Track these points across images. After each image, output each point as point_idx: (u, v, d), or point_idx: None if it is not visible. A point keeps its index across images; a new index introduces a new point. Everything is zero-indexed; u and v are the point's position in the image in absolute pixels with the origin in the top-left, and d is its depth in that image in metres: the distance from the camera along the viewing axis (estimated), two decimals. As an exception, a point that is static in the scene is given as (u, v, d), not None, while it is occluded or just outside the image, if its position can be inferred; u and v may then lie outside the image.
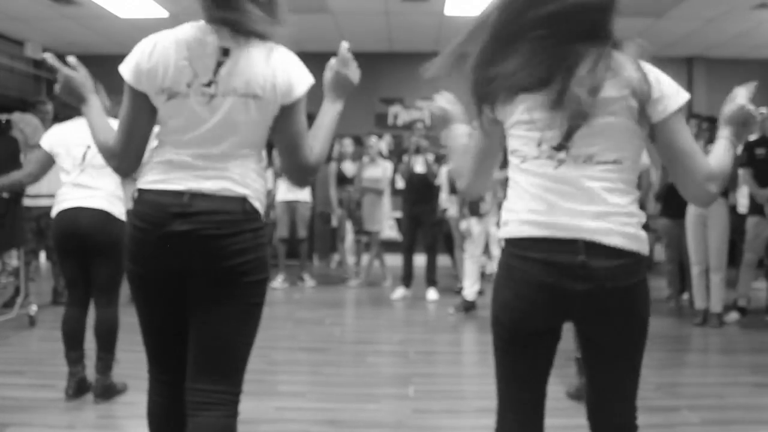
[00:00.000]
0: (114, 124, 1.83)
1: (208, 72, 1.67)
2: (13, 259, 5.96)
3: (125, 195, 3.14)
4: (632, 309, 1.54)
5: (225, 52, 1.67)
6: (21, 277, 5.34)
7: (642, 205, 2.43)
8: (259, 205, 1.75)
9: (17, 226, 4.75)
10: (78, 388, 3.32)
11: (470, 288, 5.97)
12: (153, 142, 1.79)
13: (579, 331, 1.64)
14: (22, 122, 5.59)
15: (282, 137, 1.78)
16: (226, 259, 1.68)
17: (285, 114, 1.75)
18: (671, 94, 1.51)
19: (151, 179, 1.72)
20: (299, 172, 1.81)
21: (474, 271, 5.97)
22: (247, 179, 1.72)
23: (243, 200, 1.70)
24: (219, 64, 1.67)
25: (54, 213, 3.29)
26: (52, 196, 5.49)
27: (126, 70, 1.72)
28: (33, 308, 5.05)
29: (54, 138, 3.36)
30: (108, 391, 3.34)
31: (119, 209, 3.27)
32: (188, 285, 1.73)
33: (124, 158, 1.78)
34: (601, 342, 1.59)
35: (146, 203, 1.71)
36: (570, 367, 3.46)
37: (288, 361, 4.22)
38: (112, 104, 3.48)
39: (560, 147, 1.50)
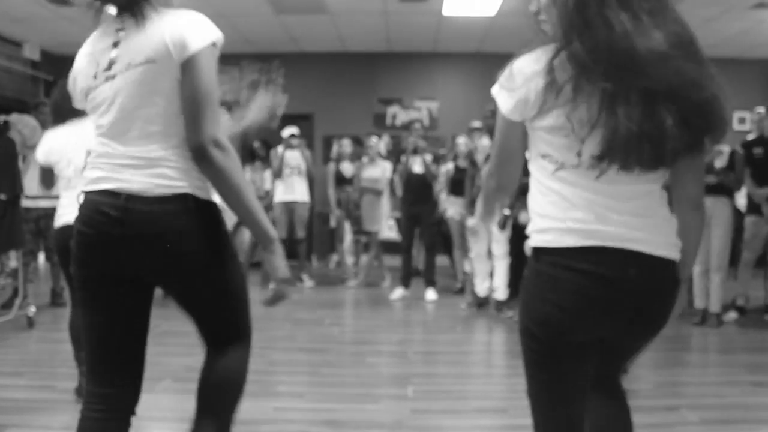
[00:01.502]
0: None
1: (107, 56, 1.66)
2: (12, 260, 5.95)
3: None
4: (666, 317, 1.53)
5: (119, 31, 1.67)
6: (19, 278, 5.34)
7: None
8: (201, 192, 1.66)
9: (16, 228, 4.74)
10: None
11: (481, 284, 6.01)
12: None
13: (605, 339, 1.55)
14: (20, 123, 5.58)
15: (181, 102, 1.61)
16: (172, 262, 1.65)
17: (183, 74, 1.59)
18: None
19: (90, 177, 1.70)
20: (190, 146, 1.62)
21: (483, 268, 5.99)
22: (177, 165, 1.64)
23: (183, 197, 1.63)
24: (115, 44, 1.66)
25: (57, 225, 3.18)
26: (51, 197, 5.50)
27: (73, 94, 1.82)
28: (31, 309, 5.04)
29: (48, 147, 3.28)
30: None
31: None
32: (148, 287, 1.74)
33: None
34: (624, 346, 1.60)
35: (88, 206, 1.67)
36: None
37: (287, 361, 4.21)
38: None
39: (602, 157, 1.39)
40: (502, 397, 3.53)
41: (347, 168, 7.46)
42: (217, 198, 1.70)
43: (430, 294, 6.58)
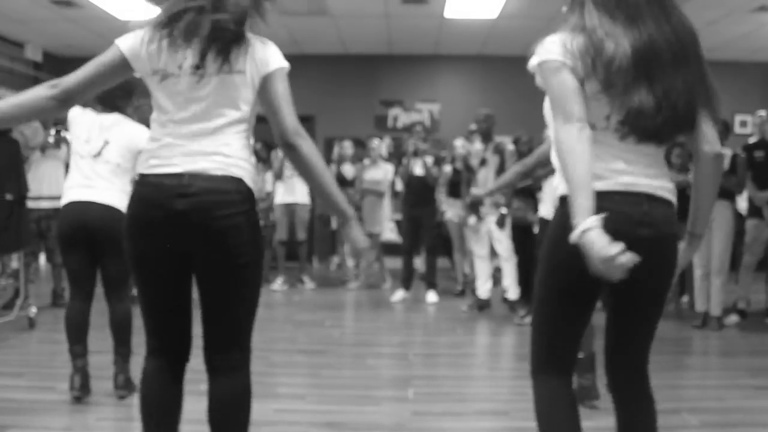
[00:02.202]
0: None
1: (197, 56, 1.81)
2: (13, 260, 5.96)
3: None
4: (675, 253, 1.73)
5: (210, 39, 1.80)
6: (21, 279, 5.34)
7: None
8: (252, 184, 1.88)
9: (22, 228, 4.75)
10: (83, 382, 3.28)
11: (483, 286, 6.01)
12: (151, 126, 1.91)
13: (625, 281, 1.62)
14: (22, 124, 5.59)
15: (264, 103, 1.89)
16: (223, 238, 1.81)
17: (265, 85, 1.86)
18: None
19: (152, 163, 1.84)
20: (280, 140, 1.88)
21: (485, 270, 6.00)
22: (241, 159, 1.86)
23: (239, 181, 1.84)
24: (206, 48, 1.81)
25: (63, 202, 3.26)
26: (53, 198, 5.51)
27: (125, 46, 1.87)
28: (32, 310, 5.05)
29: (80, 119, 3.31)
30: (129, 385, 3.35)
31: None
32: (191, 264, 1.87)
33: (71, 96, 1.90)
34: (644, 288, 1.70)
35: (148, 185, 1.84)
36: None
37: (287, 363, 4.21)
38: (132, 109, 3.48)
39: (624, 122, 1.63)
40: (504, 399, 3.53)
41: (348, 170, 7.46)
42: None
43: (431, 296, 6.58)
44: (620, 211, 1.62)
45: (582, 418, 1.77)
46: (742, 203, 6.09)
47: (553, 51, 1.67)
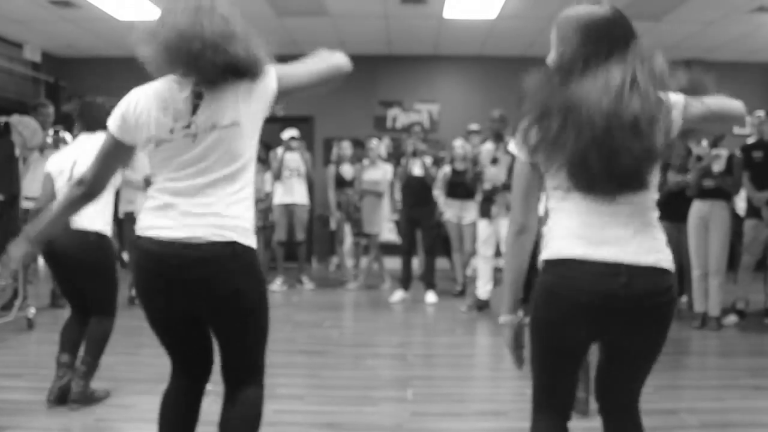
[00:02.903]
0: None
1: (186, 116, 1.83)
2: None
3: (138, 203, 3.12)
4: (665, 317, 1.71)
5: (198, 96, 1.84)
6: (19, 279, 5.34)
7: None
8: (247, 239, 1.89)
9: (13, 229, 4.74)
10: (60, 395, 3.25)
11: (483, 287, 6.02)
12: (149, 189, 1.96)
13: (610, 340, 1.76)
14: (21, 125, 5.58)
15: (299, 89, 2.01)
16: (224, 300, 1.88)
17: (284, 85, 1.93)
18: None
19: (147, 224, 1.89)
20: (337, 75, 2.12)
21: (486, 270, 6.00)
22: (237, 217, 1.87)
23: (233, 244, 1.85)
24: (195, 107, 1.84)
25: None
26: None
27: (113, 125, 1.93)
28: (31, 311, 5.04)
29: (54, 162, 3.39)
30: (86, 398, 3.27)
31: (101, 224, 3.22)
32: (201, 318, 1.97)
33: (95, 187, 2.03)
34: (632, 348, 1.74)
35: (145, 251, 1.89)
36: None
37: (286, 363, 4.21)
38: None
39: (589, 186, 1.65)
40: (503, 400, 3.53)
41: (347, 170, 7.46)
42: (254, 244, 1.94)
43: (430, 297, 6.57)
44: (595, 287, 1.63)
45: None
46: (740, 203, 6.09)
47: (519, 150, 1.75)
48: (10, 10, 7.25)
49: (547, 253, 1.73)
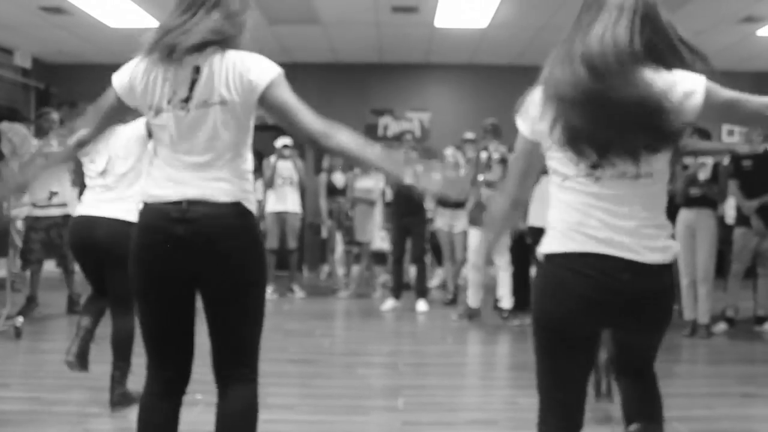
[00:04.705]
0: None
1: (185, 89, 1.86)
2: (2, 269, 5.91)
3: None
4: (666, 309, 1.75)
5: (197, 70, 1.86)
6: (6, 287, 5.30)
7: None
8: (250, 204, 1.92)
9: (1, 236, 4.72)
10: (79, 353, 3.32)
11: (474, 295, 6.03)
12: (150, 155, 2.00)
13: (615, 329, 1.81)
14: (11, 132, 5.57)
15: (273, 115, 1.92)
16: (225, 260, 1.86)
17: (264, 101, 1.87)
18: None
19: (152, 193, 1.91)
20: (307, 139, 1.94)
21: (477, 279, 6.01)
22: (237, 182, 1.89)
23: (237, 204, 1.88)
24: (193, 81, 1.85)
25: (76, 213, 3.36)
26: (62, 205, 5.47)
27: (118, 85, 1.95)
28: (19, 320, 5.00)
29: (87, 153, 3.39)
30: (125, 399, 3.32)
31: (133, 215, 3.25)
32: (196, 288, 1.92)
33: (87, 141, 2.11)
34: (633, 341, 1.81)
35: (149, 212, 1.90)
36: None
37: (277, 372, 4.18)
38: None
39: (596, 165, 1.62)
40: (494, 408, 3.52)
41: (339, 179, 7.46)
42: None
43: (421, 305, 6.56)
44: (597, 282, 1.63)
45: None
46: (729, 211, 6.13)
47: (522, 126, 1.76)
48: (0, 16, 7.22)
49: (551, 246, 1.70)
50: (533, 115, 1.70)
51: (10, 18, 7.27)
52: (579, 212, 1.65)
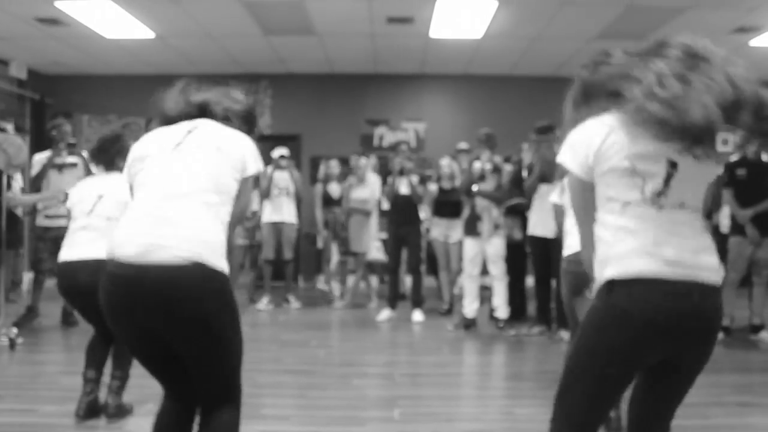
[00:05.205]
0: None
1: (178, 137, 1.96)
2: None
3: None
4: (717, 333, 1.74)
5: (191, 131, 1.98)
6: (0, 299, 5.27)
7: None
8: (216, 262, 1.87)
9: None
10: (88, 409, 3.29)
11: (470, 306, 6.02)
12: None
13: (665, 361, 1.73)
14: (6, 142, 5.54)
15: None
16: (187, 322, 1.85)
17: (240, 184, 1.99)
18: None
19: (117, 241, 1.89)
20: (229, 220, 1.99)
21: (473, 289, 6.01)
22: (206, 238, 1.87)
23: (201, 266, 1.83)
24: (189, 132, 1.96)
25: (60, 259, 3.36)
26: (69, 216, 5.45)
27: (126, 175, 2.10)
28: (13, 331, 4.97)
29: (78, 189, 3.51)
30: (121, 411, 3.33)
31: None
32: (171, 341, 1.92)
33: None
34: (681, 372, 1.76)
35: (109, 271, 1.90)
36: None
37: (273, 383, 4.17)
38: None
39: (660, 193, 1.66)
40: (490, 419, 3.52)
41: (335, 189, 7.46)
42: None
43: (417, 315, 6.55)
44: (671, 306, 1.63)
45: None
46: (724, 220, 6.14)
47: (573, 161, 1.75)
48: (-4, 27, 7.23)
49: (613, 272, 1.67)
50: (588, 156, 1.70)
51: (5, 29, 7.28)
52: (645, 236, 1.65)
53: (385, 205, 7.14)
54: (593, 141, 1.70)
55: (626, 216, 1.68)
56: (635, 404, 1.84)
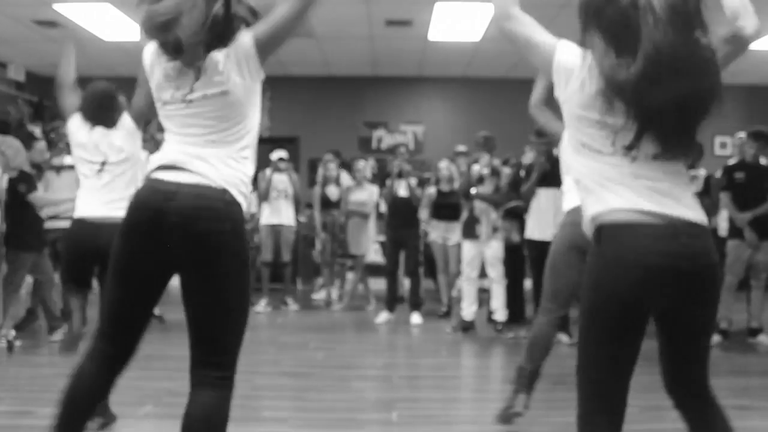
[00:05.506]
0: None
1: (187, 87, 1.94)
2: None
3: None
4: (719, 274, 1.74)
5: (198, 70, 1.93)
6: (0, 302, 5.26)
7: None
8: (238, 193, 1.93)
9: None
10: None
11: (468, 308, 6.02)
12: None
13: (667, 313, 1.73)
14: (4, 145, 5.54)
15: (278, 34, 2.02)
16: (204, 245, 1.86)
17: (261, 48, 1.99)
18: None
19: (151, 170, 1.96)
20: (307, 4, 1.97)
21: (471, 291, 6.01)
22: (228, 172, 1.92)
23: (224, 191, 1.89)
24: (195, 79, 1.93)
25: (74, 216, 3.26)
26: (68, 218, 5.43)
27: (144, 61, 2.05)
28: (11, 333, 4.96)
29: (85, 134, 3.32)
30: (107, 415, 3.23)
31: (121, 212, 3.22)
32: (178, 273, 1.91)
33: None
34: (689, 320, 1.73)
35: (143, 189, 1.96)
36: (560, 391, 3.45)
37: (271, 386, 4.17)
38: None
39: (631, 146, 1.65)
40: (488, 422, 3.51)
41: (333, 191, 7.46)
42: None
43: (415, 318, 6.55)
44: (656, 247, 1.62)
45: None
46: (722, 224, 6.15)
47: (572, 57, 1.72)
48: (-6, 30, 7.23)
49: (599, 221, 1.69)
50: (571, 75, 1.69)
51: (3, 31, 7.28)
52: (625, 183, 1.66)
53: (383, 208, 7.14)
54: (577, 73, 1.69)
55: (601, 163, 1.69)
56: (663, 363, 1.86)
